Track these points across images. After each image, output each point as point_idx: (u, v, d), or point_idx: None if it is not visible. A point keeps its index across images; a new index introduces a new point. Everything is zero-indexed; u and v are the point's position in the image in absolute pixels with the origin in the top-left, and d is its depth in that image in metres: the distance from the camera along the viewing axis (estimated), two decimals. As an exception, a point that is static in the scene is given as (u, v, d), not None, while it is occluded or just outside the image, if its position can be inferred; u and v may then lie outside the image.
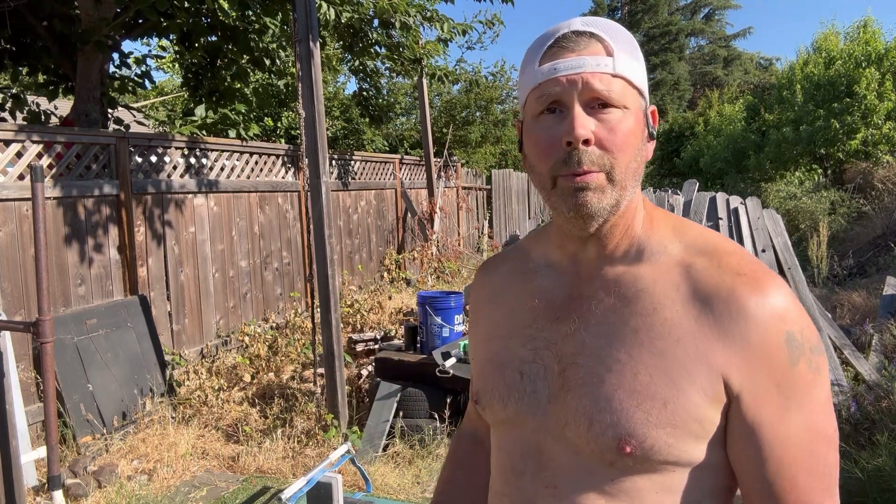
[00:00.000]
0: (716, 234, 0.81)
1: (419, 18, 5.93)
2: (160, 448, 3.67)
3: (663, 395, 0.73)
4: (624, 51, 0.77)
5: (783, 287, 0.75)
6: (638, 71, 0.79)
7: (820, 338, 0.75)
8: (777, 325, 0.72)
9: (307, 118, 3.77)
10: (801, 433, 0.73)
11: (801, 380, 0.73)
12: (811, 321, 0.75)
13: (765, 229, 4.86)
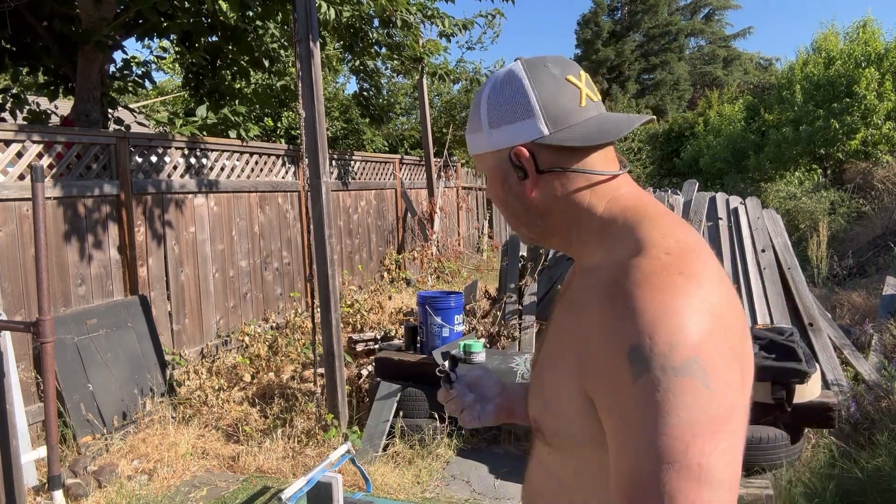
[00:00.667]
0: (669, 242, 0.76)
1: (420, 16, 5.93)
2: (160, 448, 3.67)
3: (551, 391, 0.82)
4: (470, 131, 0.91)
5: (656, 297, 0.68)
6: (484, 139, 0.88)
7: (692, 355, 0.65)
8: (622, 336, 0.67)
9: (307, 118, 3.77)
10: (642, 455, 0.65)
11: (643, 399, 0.65)
12: (703, 341, 0.66)
13: (764, 229, 4.87)
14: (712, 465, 0.66)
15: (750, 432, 3.14)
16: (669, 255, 0.73)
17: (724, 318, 0.71)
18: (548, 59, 0.90)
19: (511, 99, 0.85)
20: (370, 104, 8.14)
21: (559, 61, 0.90)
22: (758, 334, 3.32)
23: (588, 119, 0.85)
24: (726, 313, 0.71)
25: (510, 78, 0.86)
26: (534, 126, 0.84)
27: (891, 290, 5.27)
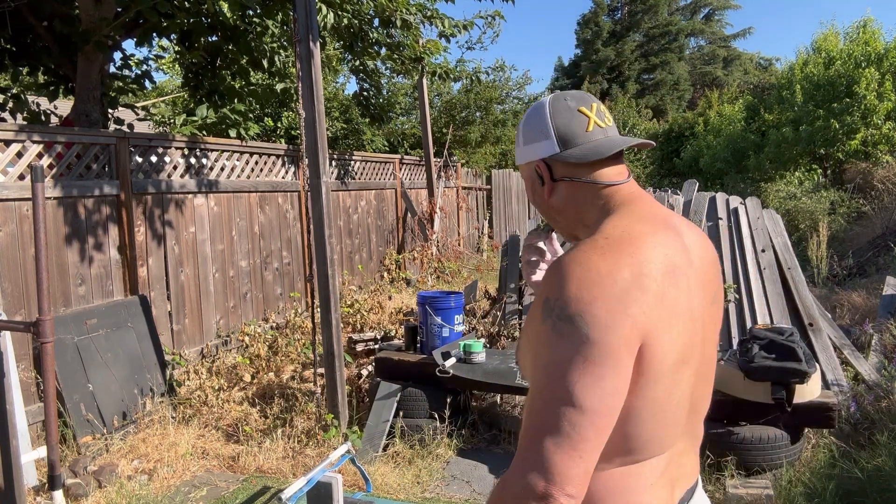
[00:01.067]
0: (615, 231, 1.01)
1: (420, 17, 5.93)
2: (160, 448, 3.67)
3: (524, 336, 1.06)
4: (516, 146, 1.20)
5: (570, 268, 0.94)
6: (521, 153, 1.18)
7: (594, 312, 0.89)
8: (545, 290, 0.96)
9: (307, 118, 3.77)
10: (535, 381, 0.92)
11: (544, 336, 0.92)
12: (593, 299, 0.90)
13: (764, 229, 4.87)
14: (579, 393, 0.87)
15: (750, 432, 3.14)
16: (606, 240, 0.98)
17: (625, 288, 0.91)
18: (568, 94, 1.15)
19: (537, 124, 1.14)
20: (370, 104, 8.14)
21: (577, 96, 1.15)
22: (758, 334, 3.32)
23: (592, 141, 1.10)
24: (630, 285, 0.92)
25: (539, 108, 1.15)
26: (550, 145, 1.11)
27: (891, 290, 5.27)
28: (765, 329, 3.39)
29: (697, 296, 1.03)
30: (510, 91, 14.27)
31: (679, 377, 0.99)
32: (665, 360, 0.95)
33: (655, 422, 0.99)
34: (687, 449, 1.14)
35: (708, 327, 1.08)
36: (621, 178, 1.11)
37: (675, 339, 0.96)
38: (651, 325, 0.92)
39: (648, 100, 30.63)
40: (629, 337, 0.90)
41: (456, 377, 3.70)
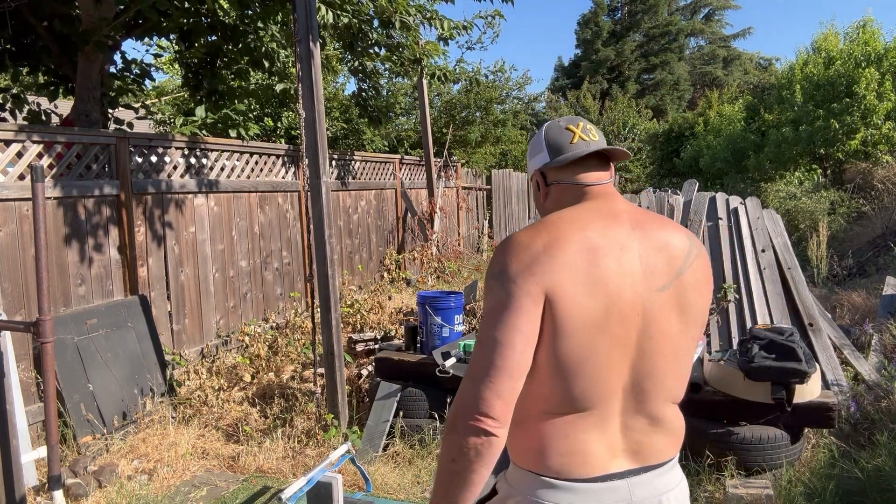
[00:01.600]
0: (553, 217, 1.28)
1: (419, 18, 5.93)
2: (160, 448, 3.67)
3: None
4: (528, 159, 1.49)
5: (504, 242, 1.23)
6: (528, 167, 1.47)
7: (509, 271, 1.17)
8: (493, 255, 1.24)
9: (307, 118, 3.77)
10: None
11: (485, 287, 1.21)
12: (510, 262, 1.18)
13: (764, 229, 4.87)
14: (493, 331, 1.14)
15: (750, 432, 3.14)
16: (541, 221, 1.27)
17: (534, 255, 1.18)
18: (563, 118, 1.43)
19: (537, 142, 1.42)
20: (369, 105, 8.14)
21: (568, 118, 1.42)
22: (758, 334, 3.32)
23: (573, 151, 1.35)
24: (539, 253, 1.17)
25: (539, 130, 1.44)
26: (543, 157, 1.39)
27: (891, 290, 5.27)
28: (765, 329, 3.39)
29: (630, 278, 1.20)
30: (510, 91, 14.28)
31: (593, 341, 1.17)
32: (572, 319, 1.15)
33: (575, 376, 1.17)
34: (645, 429, 1.24)
35: (654, 310, 1.22)
36: (600, 181, 1.35)
37: (584, 302, 1.16)
38: (553, 284, 1.15)
39: (648, 100, 30.60)
40: (532, 290, 1.15)
41: (456, 377, 3.70)
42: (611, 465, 1.22)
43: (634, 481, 1.23)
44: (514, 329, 1.13)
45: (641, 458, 1.24)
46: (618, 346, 1.19)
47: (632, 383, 1.22)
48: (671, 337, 1.24)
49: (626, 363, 1.21)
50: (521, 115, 16.06)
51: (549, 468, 1.23)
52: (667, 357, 1.24)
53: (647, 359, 1.22)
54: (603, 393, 1.20)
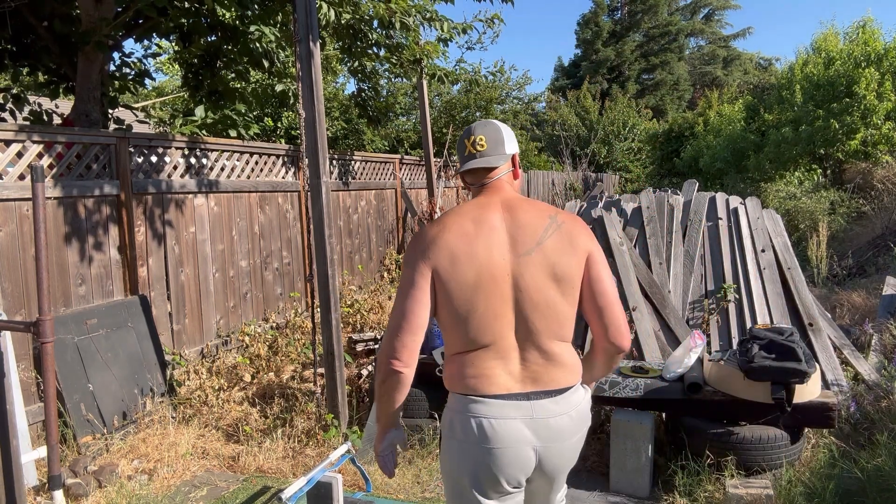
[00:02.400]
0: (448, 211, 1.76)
1: (419, 18, 5.93)
2: (160, 448, 3.67)
3: None
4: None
5: (414, 235, 1.72)
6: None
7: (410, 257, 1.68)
8: None
9: (307, 118, 3.77)
10: None
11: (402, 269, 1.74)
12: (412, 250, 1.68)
13: (764, 229, 4.87)
14: (398, 302, 1.65)
15: (750, 432, 3.14)
16: (432, 223, 1.71)
17: (427, 243, 1.66)
18: (470, 126, 1.85)
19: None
20: (368, 105, 8.13)
21: (470, 128, 1.85)
22: (758, 334, 3.32)
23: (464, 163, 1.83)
24: (430, 242, 1.65)
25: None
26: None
27: (890, 290, 5.27)
28: (765, 329, 3.39)
29: (497, 249, 1.65)
30: (510, 91, 14.28)
31: (472, 297, 1.63)
32: (453, 284, 1.63)
33: (467, 324, 1.64)
34: (542, 361, 1.67)
35: (526, 268, 1.65)
36: (481, 181, 1.80)
37: (460, 271, 1.62)
38: (437, 263, 1.63)
39: (648, 100, 30.60)
40: (424, 270, 1.64)
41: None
42: (514, 387, 1.65)
43: (535, 402, 1.66)
44: (413, 299, 1.63)
45: (541, 385, 1.67)
46: (495, 299, 1.64)
47: (518, 326, 1.66)
48: (541, 290, 1.65)
49: (508, 311, 1.65)
50: (521, 116, 16.07)
51: (466, 387, 1.68)
52: (540, 305, 1.65)
53: (524, 306, 1.65)
54: (494, 334, 1.65)
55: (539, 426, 1.64)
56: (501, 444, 1.62)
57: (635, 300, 4.44)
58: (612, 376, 3.49)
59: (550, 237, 1.67)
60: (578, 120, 22.56)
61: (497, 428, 1.62)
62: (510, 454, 1.63)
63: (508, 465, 1.64)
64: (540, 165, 18.81)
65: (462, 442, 1.66)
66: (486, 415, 1.63)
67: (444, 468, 1.76)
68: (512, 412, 1.63)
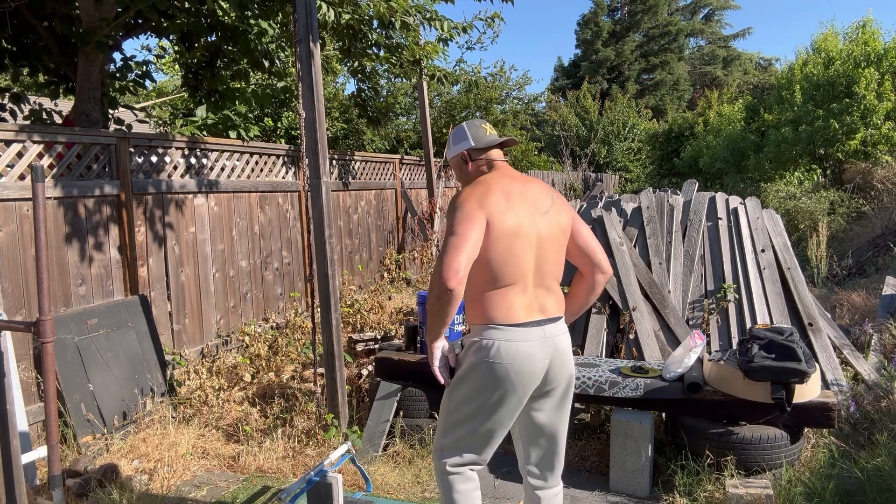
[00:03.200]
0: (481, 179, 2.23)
1: (419, 18, 5.93)
2: (161, 448, 3.68)
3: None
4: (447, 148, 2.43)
5: (460, 193, 2.16)
6: (452, 151, 2.37)
7: (466, 204, 2.09)
8: (450, 205, 2.15)
9: (307, 118, 3.78)
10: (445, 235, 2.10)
11: (448, 217, 2.12)
12: (466, 200, 2.10)
13: (764, 229, 4.87)
14: (457, 228, 2.03)
15: (750, 432, 3.15)
16: (476, 182, 2.22)
17: (478, 197, 2.09)
18: (475, 119, 2.37)
19: (460, 133, 2.34)
20: (368, 106, 8.13)
21: (479, 119, 2.36)
22: (757, 334, 3.32)
23: (486, 139, 2.29)
24: (481, 197, 2.10)
25: (461, 126, 2.35)
26: (469, 142, 2.30)
27: (890, 290, 5.27)
28: (764, 329, 3.39)
29: (527, 208, 2.15)
30: (510, 91, 14.28)
31: (513, 242, 2.08)
32: (500, 230, 2.06)
33: (503, 265, 2.07)
34: (544, 296, 2.17)
35: (546, 225, 2.17)
36: (501, 158, 2.33)
37: (506, 221, 2.07)
38: (490, 212, 2.07)
39: (648, 100, 30.61)
40: (479, 214, 2.06)
41: (456, 377, 3.71)
42: (531, 316, 2.12)
43: (546, 326, 2.13)
44: (471, 229, 2.02)
45: (546, 313, 2.15)
46: (526, 247, 2.10)
47: (535, 269, 2.13)
48: (553, 240, 2.19)
49: (531, 257, 2.12)
50: (521, 116, 16.06)
51: (492, 318, 2.09)
52: (550, 252, 2.17)
53: (541, 254, 2.14)
54: (520, 274, 2.10)
55: (549, 344, 2.12)
56: (527, 360, 2.07)
57: (635, 300, 4.44)
58: (612, 376, 3.49)
59: (555, 202, 2.23)
60: (578, 120, 22.57)
61: (527, 349, 2.07)
62: (535, 368, 2.09)
63: (533, 377, 2.10)
64: (540, 165, 18.81)
65: (495, 362, 2.06)
66: (516, 339, 2.07)
67: (468, 391, 2.13)
68: (531, 335, 2.09)
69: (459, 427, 2.16)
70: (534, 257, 2.11)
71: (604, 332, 4.44)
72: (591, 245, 2.28)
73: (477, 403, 2.11)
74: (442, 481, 2.22)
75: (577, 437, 3.81)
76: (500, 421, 2.13)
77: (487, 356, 2.06)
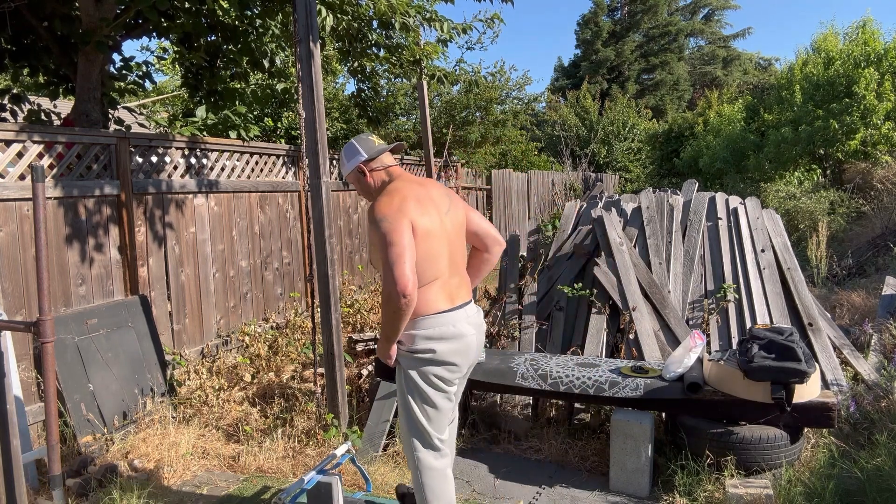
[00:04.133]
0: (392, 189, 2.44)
1: (419, 19, 5.93)
2: (161, 448, 3.68)
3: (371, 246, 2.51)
4: (342, 166, 2.64)
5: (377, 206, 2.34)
6: (347, 167, 2.60)
7: (389, 214, 2.29)
8: (370, 218, 2.34)
9: (307, 118, 3.78)
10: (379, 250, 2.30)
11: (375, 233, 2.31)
12: (387, 211, 2.29)
13: (764, 229, 4.87)
14: (394, 240, 2.23)
15: (750, 432, 3.15)
16: (389, 192, 2.41)
17: (398, 206, 2.30)
18: (363, 133, 2.70)
19: (351, 149, 2.58)
20: (368, 106, 8.13)
21: (365, 133, 2.62)
22: (757, 334, 3.32)
23: (376, 148, 2.58)
24: (400, 205, 2.31)
25: (351, 142, 2.59)
26: (363, 155, 2.55)
27: (890, 290, 5.27)
28: (764, 329, 3.39)
29: (435, 210, 2.42)
30: (510, 91, 14.28)
31: (431, 243, 2.33)
32: (420, 233, 2.29)
33: (427, 264, 2.33)
34: (459, 283, 2.50)
35: (450, 222, 2.48)
36: (396, 164, 2.58)
37: (423, 224, 2.31)
38: (411, 217, 2.28)
39: (648, 100, 30.60)
40: (405, 221, 2.26)
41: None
42: (454, 302, 2.43)
43: (467, 308, 2.49)
44: (404, 235, 2.23)
45: (464, 298, 2.50)
46: (441, 244, 2.38)
47: (449, 261, 2.43)
48: (458, 236, 2.53)
49: (446, 252, 2.40)
50: (521, 116, 16.06)
51: (424, 311, 2.36)
52: (458, 246, 2.50)
53: (452, 248, 2.45)
54: (440, 269, 2.38)
55: (472, 321, 2.49)
56: (464, 338, 2.43)
57: (635, 300, 4.44)
58: (612, 376, 3.49)
59: (451, 200, 2.55)
60: (578, 120, 22.56)
61: (460, 328, 2.41)
62: (470, 343, 2.45)
63: (469, 351, 2.46)
64: (540, 165, 18.81)
65: (441, 341, 2.37)
66: (453, 321, 2.40)
67: (418, 377, 2.40)
68: (459, 317, 2.42)
69: (422, 415, 2.43)
70: (447, 252, 2.40)
71: (604, 332, 4.44)
72: (483, 227, 2.66)
73: (427, 388, 2.41)
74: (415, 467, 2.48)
75: (577, 437, 3.81)
76: (451, 396, 2.47)
77: (433, 339, 2.36)
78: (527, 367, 3.67)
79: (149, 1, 4.36)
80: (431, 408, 2.43)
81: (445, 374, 2.41)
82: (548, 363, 3.71)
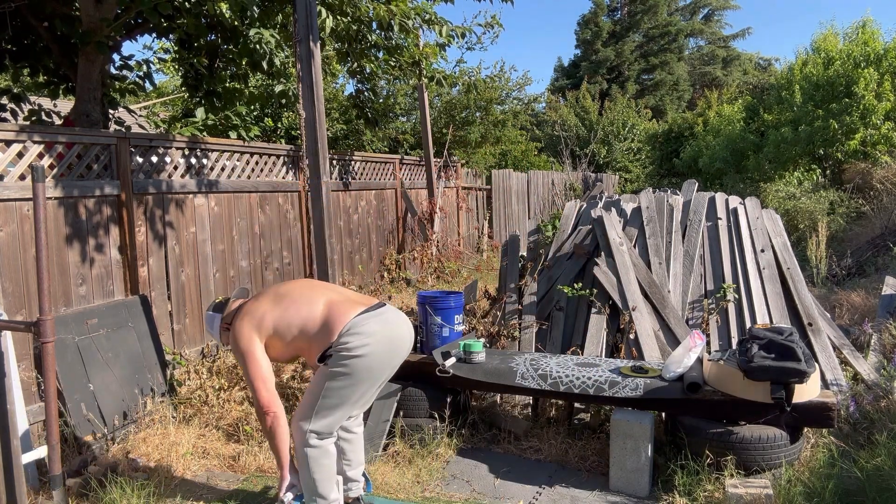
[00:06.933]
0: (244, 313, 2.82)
1: (419, 21, 5.94)
2: (161, 447, 3.68)
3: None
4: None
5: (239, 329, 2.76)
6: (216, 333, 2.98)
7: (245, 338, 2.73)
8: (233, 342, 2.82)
9: (308, 119, 3.78)
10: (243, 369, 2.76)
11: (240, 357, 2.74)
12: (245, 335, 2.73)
13: (764, 229, 4.88)
14: (254, 367, 2.70)
15: (749, 432, 3.15)
16: (245, 317, 2.76)
17: (252, 329, 2.72)
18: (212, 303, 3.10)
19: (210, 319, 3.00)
20: (366, 107, 8.14)
21: (213, 303, 3.06)
22: (757, 334, 3.32)
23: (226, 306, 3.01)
24: (253, 328, 2.72)
25: (207, 315, 3.03)
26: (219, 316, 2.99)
27: (890, 290, 5.28)
28: (764, 329, 3.40)
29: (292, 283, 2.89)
30: (510, 92, 14.29)
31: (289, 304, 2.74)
32: (282, 305, 2.73)
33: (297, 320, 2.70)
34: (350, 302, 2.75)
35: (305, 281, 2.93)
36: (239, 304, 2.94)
37: (280, 297, 2.76)
38: (261, 317, 2.72)
39: (648, 100, 30.61)
40: (257, 342, 2.70)
41: (456, 377, 3.71)
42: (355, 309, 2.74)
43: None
44: (260, 359, 2.68)
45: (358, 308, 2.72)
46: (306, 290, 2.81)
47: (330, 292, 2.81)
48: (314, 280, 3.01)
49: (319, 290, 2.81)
50: (521, 116, 16.07)
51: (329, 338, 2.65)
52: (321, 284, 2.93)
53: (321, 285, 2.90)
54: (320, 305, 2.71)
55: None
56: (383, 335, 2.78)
57: (635, 300, 4.45)
58: (611, 376, 3.50)
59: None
60: (578, 120, 22.57)
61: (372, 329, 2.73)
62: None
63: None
64: (540, 165, 18.82)
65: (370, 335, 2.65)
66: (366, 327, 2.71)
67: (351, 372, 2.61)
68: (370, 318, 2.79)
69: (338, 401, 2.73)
70: (321, 288, 2.80)
71: (604, 332, 4.44)
72: None
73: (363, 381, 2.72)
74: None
75: (577, 437, 3.81)
76: None
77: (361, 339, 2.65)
78: (527, 367, 3.67)
79: (150, 3, 4.36)
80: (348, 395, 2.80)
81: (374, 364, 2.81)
82: (548, 363, 3.72)
